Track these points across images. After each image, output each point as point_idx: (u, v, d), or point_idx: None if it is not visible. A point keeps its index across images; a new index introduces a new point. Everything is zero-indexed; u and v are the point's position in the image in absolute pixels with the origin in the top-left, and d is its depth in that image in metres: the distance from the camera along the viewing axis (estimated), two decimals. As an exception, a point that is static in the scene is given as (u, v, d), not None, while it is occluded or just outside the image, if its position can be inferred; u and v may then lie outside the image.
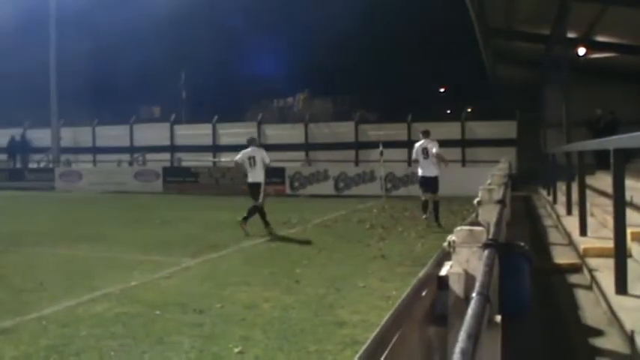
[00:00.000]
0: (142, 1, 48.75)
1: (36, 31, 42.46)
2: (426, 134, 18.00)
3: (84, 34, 43.62)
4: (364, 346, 2.17)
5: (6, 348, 7.13)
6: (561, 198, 17.07)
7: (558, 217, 15.61)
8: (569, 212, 14.70)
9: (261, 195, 17.14)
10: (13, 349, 7.10)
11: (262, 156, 17.87)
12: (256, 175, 17.46)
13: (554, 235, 14.33)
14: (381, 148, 26.58)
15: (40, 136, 39.06)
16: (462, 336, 2.15)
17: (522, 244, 6.93)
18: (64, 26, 38.71)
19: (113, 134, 38.36)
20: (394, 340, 2.37)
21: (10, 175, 36.58)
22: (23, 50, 48.85)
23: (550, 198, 19.69)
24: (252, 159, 17.69)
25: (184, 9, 51.27)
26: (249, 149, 17.68)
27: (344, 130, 33.23)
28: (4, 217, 18.52)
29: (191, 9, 51.15)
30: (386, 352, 2.24)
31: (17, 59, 50.30)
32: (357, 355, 2.07)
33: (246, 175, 17.63)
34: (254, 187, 17.46)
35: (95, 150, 38.50)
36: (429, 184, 17.73)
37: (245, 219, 16.72)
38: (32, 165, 39.08)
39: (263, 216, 17.03)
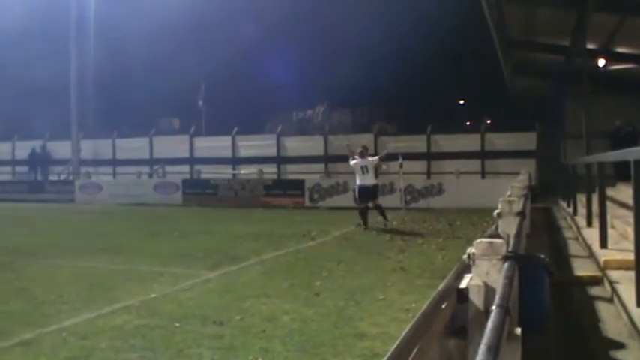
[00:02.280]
0: (160, 13, 49.03)
1: (55, 44, 42.78)
2: (363, 154, 20.36)
3: (103, 47, 43.81)
4: (384, 358, 2.17)
5: (27, 360, 7.18)
6: (581, 210, 17.00)
7: (578, 229, 15.53)
8: (589, 224, 14.63)
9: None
10: (33, 361, 7.15)
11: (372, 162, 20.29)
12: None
13: (574, 247, 14.26)
14: (400, 160, 26.56)
15: (61, 149, 39.30)
16: (482, 348, 2.15)
17: (542, 256, 6.90)
18: (84, 39, 38.96)
19: (133, 146, 38.51)
20: (414, 352, 2.37)
21: (30, 188, 36.80)
22: (43, 63, 49.22)
23: (570, 210, 19.59)
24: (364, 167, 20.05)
25: (204, 20, 51.53)
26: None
27: (364, 142, 33.19)
28: (25, 229, 18.62)
29: (210, 20, 51.37)
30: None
31: (37, 72, 50.70)
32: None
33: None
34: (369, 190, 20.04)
35: (115, 162, 38.64)
36: (369, 192, 19.95)
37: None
38: (52, 177, 39.29)
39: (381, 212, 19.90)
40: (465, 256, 3.57)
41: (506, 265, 3.43)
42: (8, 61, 52.92)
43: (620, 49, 26.23)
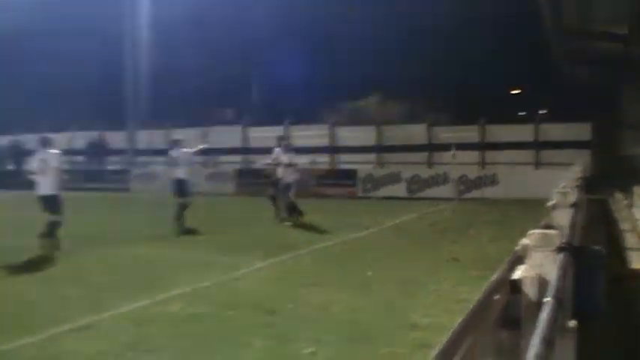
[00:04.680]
0: (211, 1, 49.28)
1: (111, 36, 43.22)
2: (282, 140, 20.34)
3: (156, 38, 44.14)
4: (436, 350, 2.17)
5: (84, 344, 7.31)
6: (638, 202, 16.73)
7: (635, 220, 15.29)
8: (647, 216, 14.41)
9: None
10: (91, 345, 7.28)
11: None
12: None
13: (630, 240, 14.05)
14: (453, 150, 26.40)
15: (117, 139, 39.73)
16: (536, 340, 2.14)
17: (597, 247, 6.83)
18: (138, 30, 39.30)
19: (187, 137, 38.74)
20: (466, 343, 2.36)
21: (88, 177, 37.25)
22: (99, 54, 49.84)
23: (627, 202, 19.29)
24: None
25: (257, 7, 51.62)
26: None
27: (416, 132, 32.96)
28: (82, 217, 18.87)
29: (264, 8, 51.42)
30: (458, 356, 2.23)
31: (94, 63, 51.36)
32: (430, 358, 2.08)
33: None
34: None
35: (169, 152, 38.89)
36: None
37: None
38: (109, 167, 39.79)
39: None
40: (518, 247, 3.54)
41: (560, 256, 3.40)
42: (65, 56, 53.66)
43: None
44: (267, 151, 34.58)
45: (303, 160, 33.97)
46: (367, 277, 10.74)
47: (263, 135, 36.89)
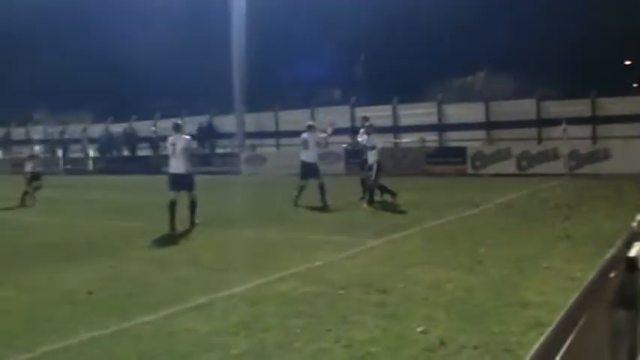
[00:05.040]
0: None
1: (215, 22, 43.79)
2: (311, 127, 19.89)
3: (262, 23, 44.53)
4: (550, 328, 2.17)
5: (199, 323, 7.52)
6: None
7: None
8: None
9: None
10: (206, 324, 7.48)
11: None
12: None
13: None
14: (564, 125, 25.84)
15: (226, 123, 40.29)
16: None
17: None
18: (244, 18, 39.64)
19: (295, 118, 38.94)
20: (580, 323, 2.35)
21: (198, 160, 37.93)
22: (206, 41, 50.61)
23: None
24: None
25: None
26: None
27: (525, 108, 32.31)
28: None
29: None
30: (572, 334, 2.22)
31: (201, 50, 52.24)
32: (543, 337, 2.08)
33: None
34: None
35: (278, 134, 39.26)
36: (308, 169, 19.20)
37: None
38: (219, 150, 40.46)
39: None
40: (634, 224, 3.48)
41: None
42: (175, 44, 54.85)
43: None
44: (375, 130, 34.60)
45: (409, 138, 33.99)
46: (478, 255, 10.68)
47: (370, 114, 36.82)
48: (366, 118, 20.95)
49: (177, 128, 16.42)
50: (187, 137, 16.44)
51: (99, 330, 7.39)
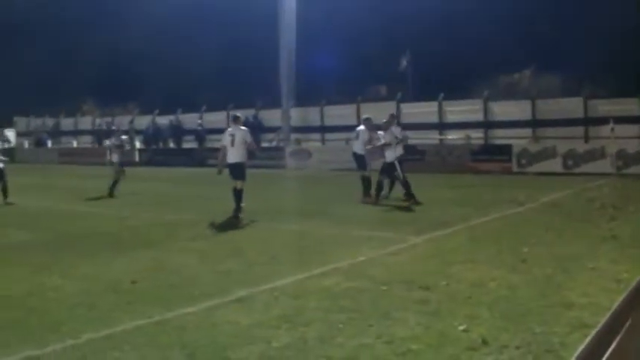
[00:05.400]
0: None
1: (262, 17, 43.92)
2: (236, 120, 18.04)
3: (311, 17, 44.56)
4: (595, 330, 2.15)
5: (241, 316, 7.56)
6: None
7: None
8: None
9: None
10: (247, 317, 7.51)
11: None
12: None
13: None
14: (611, 124, 25.53)
15: (272, 117, 40.41)
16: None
17: None
18: (291, 9, 39.71)
19: (341, 113, 38.98)
20: (627, 325, 2.32)
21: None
22: (253, 36, 50.86)
23: None
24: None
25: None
26: None
27: (572, 106, 32.00)
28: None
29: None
30: (618, 337, 2.20)
31: (249, 44, 52.54)
32: (588, 338, 2.06)
33: None
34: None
35: (323, 129, 39.30)
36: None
37: None
38: (264, 144, 40.64)
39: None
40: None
41: None
42: (223, 39, 55.27)
43: None
44: (420, 126, 34.43)
45: (454, 135, 33.84)
46: (522, 254, 10.60)
47: (416, 111, 36.76)
48: (392, 115, 20.75)
49: (236, 120, 17.64)
50: (245, 129, 17.51)
51: (142, 319, 7.48)
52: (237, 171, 16.82)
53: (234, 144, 16.86)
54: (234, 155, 16.89)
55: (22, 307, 8.24)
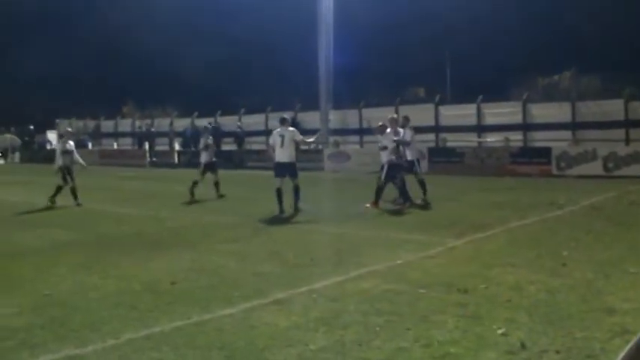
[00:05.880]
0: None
1: (300, 20, 44.04)
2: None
3: (349, 20, 44.60)
4: (638, 336, 2.13)
5: (279, 318, 7.57)
6: None
7: None
8: None
9: None
10: (286, 319, 7.52)
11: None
12: None
13: None
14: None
15: (310, 119, 40.44)
16: None
17: None
18: (330, 11, 39.75)
19: (378, 116, 38.88)
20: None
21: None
22: (291, 38, 51.02)
23: None
24: None
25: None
26: None
27: (613, 108, 31.70)
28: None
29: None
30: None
31: (287, 46, 52.71)
32: (631, 344, 2.04)
33: None
34: None
35: (362, 131, 39.21)
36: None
37: None
38: (302, 146, 40.68)
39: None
40: None
41: None
42: (261, 41, 55.58)
43: None
44: (459, 129, 34.30)
45: (493, 138, 33.65)
46: (563, 258, 10.50)
47: (455, 113, 36.63)
48: (407, 118, 20.58)
49: (284, 122, 18.29)
50: (294, 129, 18.37)
51: (181, 320, 7.52)
52: (290, 170, 17.67)
53: (283, 144, 17.61)
54: (284, 155, 17.68)
55: (64, 306, 8.34)
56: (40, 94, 71.63)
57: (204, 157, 22.29)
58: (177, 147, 47.85)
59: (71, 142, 20.85)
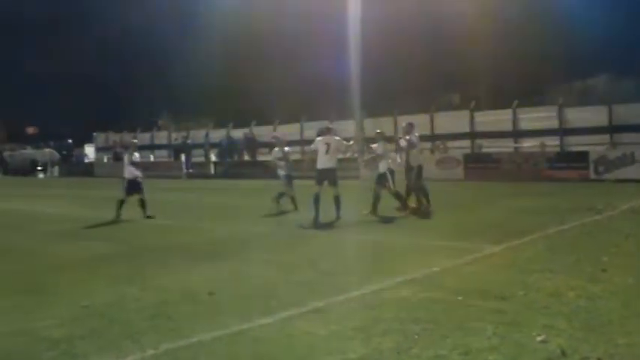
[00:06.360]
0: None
1: (333, 29, 44.10)
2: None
3: (380, 30, 44.62)
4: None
5: (318, 326, 7.56)
6: None
7: None
8: None
9: None
10: (324, 327, 7.51)
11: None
12: None
13: None
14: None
15: (344, 128, 40.45)
16: None
17: None
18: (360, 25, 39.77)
19: (414, 123, 38.88)
20: None
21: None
22: (325, 48, 51.11)
23: None
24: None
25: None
26: None
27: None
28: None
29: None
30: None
31: (320, 56, 52.81)
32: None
33: None
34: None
35: (396, 139, 39.02)
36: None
37: None
38: (338, 155, 40.69)
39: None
40: None
41: None
42: (295, 51, 55.79)
43: None
44: (495, 135, 34.18)
45: (530, 143, 33.45)
46: (602, 263, 10.39)
47: (490, 119, 36.49)
48: (411, 125, 20.67)
49: (329, 130, 18.87)
50: (339, 138, 18.75)
51: (219, 330, 7.54)
52: (332, 176, 18.00)
53: (328, 151, 17.99)
54: (328, 161, 18.02)
55: (103, 317, 8.41)
56: (77, 107, 72.50)
57: (281, 170, 21.49)
58: (213, 158, 48.14)
59: (137, 155, 20.63)
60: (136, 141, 24.79)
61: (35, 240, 16.64)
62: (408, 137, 19.65)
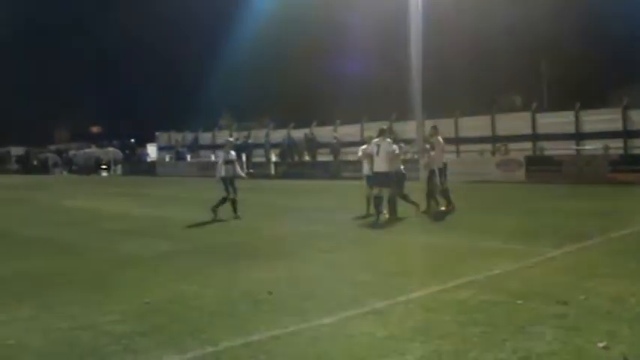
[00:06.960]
0: None
1: (393, 30, 43.99)
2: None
3: (440, 25, 44.34)
4: None
5: (377, 327, 7.58)
6: None
7: None
8: None
9: None
10: (383, 328, 7.53)
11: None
12: None
13: None
14: None
15: (406, 129, 40.34)
16: None
17: None
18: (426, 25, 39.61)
19: (475, 125, 38.67)
20: None
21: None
22: (385, 48, 51.05)
23: None
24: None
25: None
26: None
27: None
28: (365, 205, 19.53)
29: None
30: None
31: (380, 56, 52.76)
32: None
33: None
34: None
35: (457, 140, 38.95)
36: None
37: None
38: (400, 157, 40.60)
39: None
40: None
41: None
42: (355, 52, 55.86)
43: None
44: (557, 137, 33.77)
45: (592, 145, 33.00)
46: (665, 269, 10.25)
47: (552, 121, 36.07)
48: (435, 128, 20.63)
49: (382, 133, 18.50)
50: (390, 141, 18.41)
51: (278, 329, 7.61)
52: (385, 180, 17.85)
53: (378, 153, 17.96)
54: (380, 165, 17.93)
55: (164, 314, 8.55)
56: (142, 106, 73.58)
57: (365, 169, 21.44)
58: (273, 158, 48.39)
59: (233, 153, 20.64)
60: (231, 139, 24.91)
61: (100, 237, 16.98)
62: (432, 139, 19.72)
